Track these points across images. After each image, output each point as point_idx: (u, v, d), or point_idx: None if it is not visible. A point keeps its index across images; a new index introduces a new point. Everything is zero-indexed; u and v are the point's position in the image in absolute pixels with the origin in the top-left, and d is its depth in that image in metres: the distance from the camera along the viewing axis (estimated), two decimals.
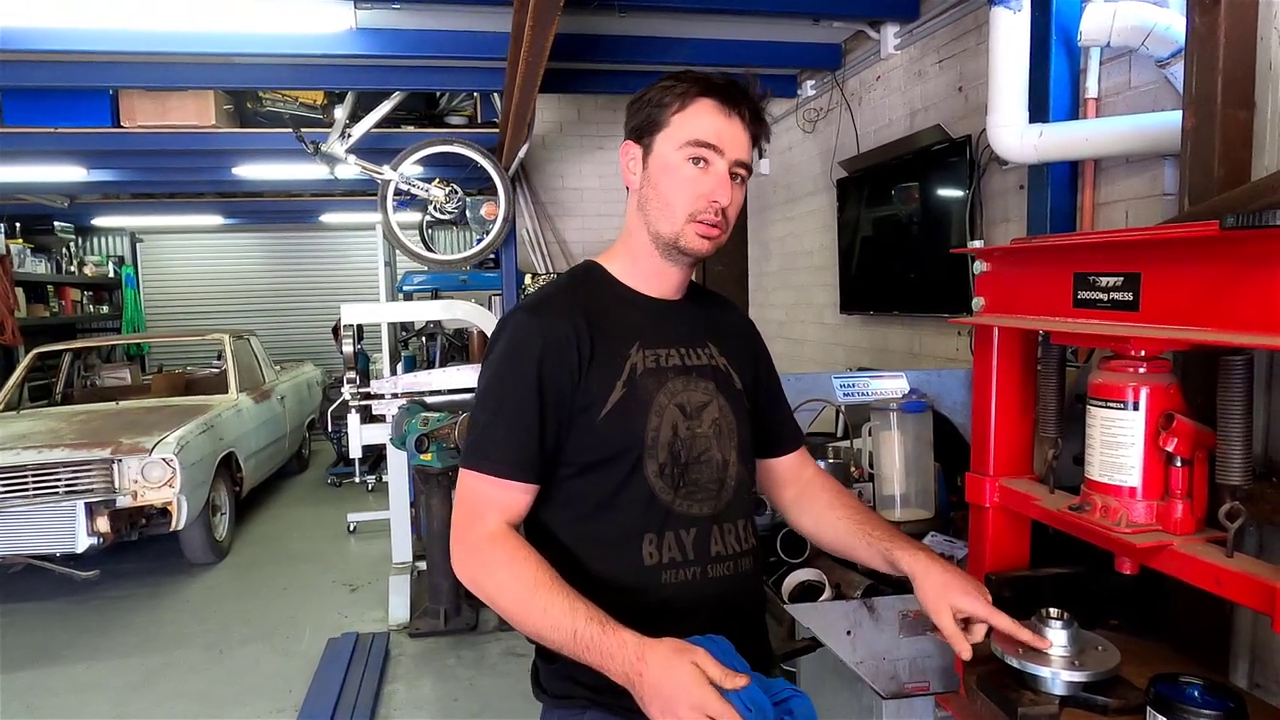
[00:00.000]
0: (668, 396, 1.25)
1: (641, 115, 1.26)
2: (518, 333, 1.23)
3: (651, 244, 1.28)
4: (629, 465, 1.21)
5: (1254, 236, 0.98)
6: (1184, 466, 1.19)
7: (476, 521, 1.17)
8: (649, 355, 1.26)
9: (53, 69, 4.03)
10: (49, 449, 4.56)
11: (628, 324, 1.27)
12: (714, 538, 1.26)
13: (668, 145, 1.23)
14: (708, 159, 1.22)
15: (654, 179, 1.25)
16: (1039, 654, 1.27)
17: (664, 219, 1.24)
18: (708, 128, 1.22)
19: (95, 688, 3.71)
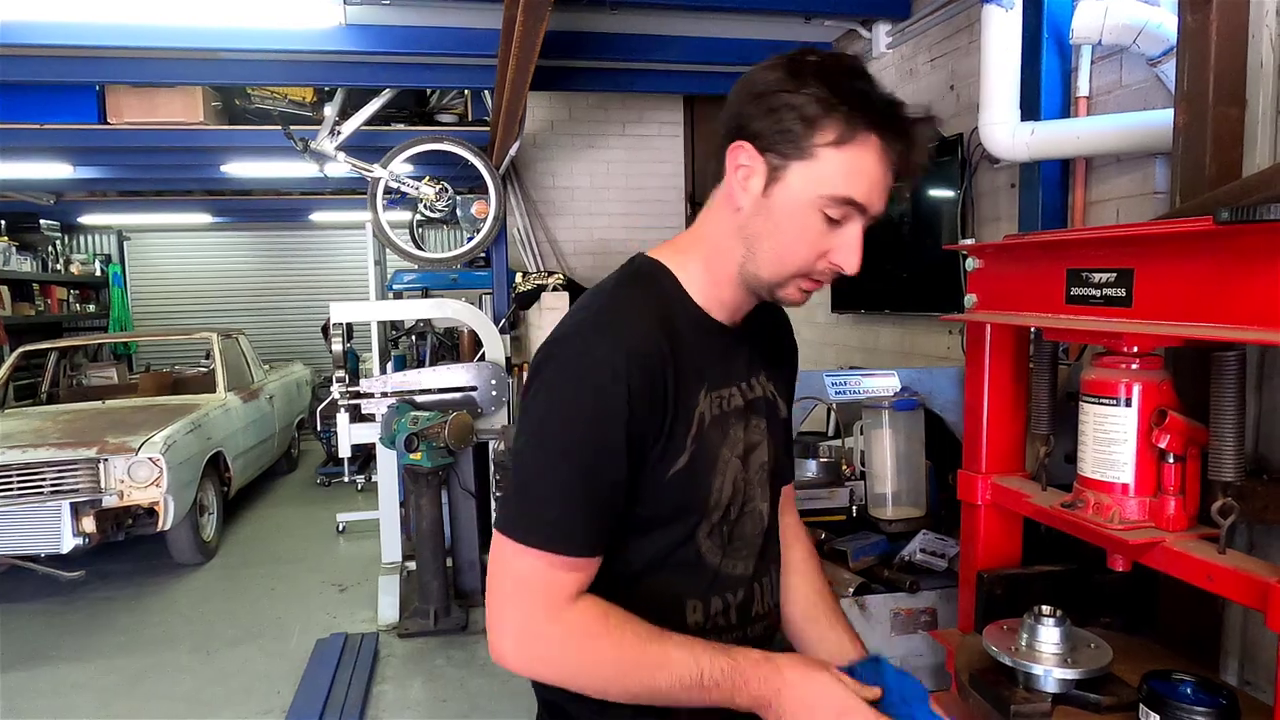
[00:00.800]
0: (730, 449, 1.06)
1: (777, 122, 0.95)
2: (597, 366, 0.94)
3: (739, 275, 1.03)
4: (684, 529, 1.04)
5: (1248, 231, 0.98)
6: (1176, 463, 1.19)
7: (552, 604, 0.96)
8: (715, 401, 1.05)
9: (38, 64, 3.99)
10: (34, 448, 4.51)
11: (700, 360, 1.03)
12: (755, 598, 1.11)
13: (807, 186, 0.95)
14: (848, 218, 0.98)
15: (774, 217, 0.98)
16: (1032, 651, 1.26)
17: (769, 266, 1.01)
18: (863, 183, 0.95)
19: (81, 689, 3.67)
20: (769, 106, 0.94)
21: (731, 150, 0.98)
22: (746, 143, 0.96)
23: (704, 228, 1.06)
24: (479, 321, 4.68)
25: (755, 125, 0.96)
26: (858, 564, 1.91)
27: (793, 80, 0.94)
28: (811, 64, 0.95)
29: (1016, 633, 1.31)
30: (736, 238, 1.01)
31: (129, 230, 9.61)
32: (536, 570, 0.95)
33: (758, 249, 1.00)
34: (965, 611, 1.59)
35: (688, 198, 6.22)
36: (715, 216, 1.04)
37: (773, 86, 0.95)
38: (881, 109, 0.94)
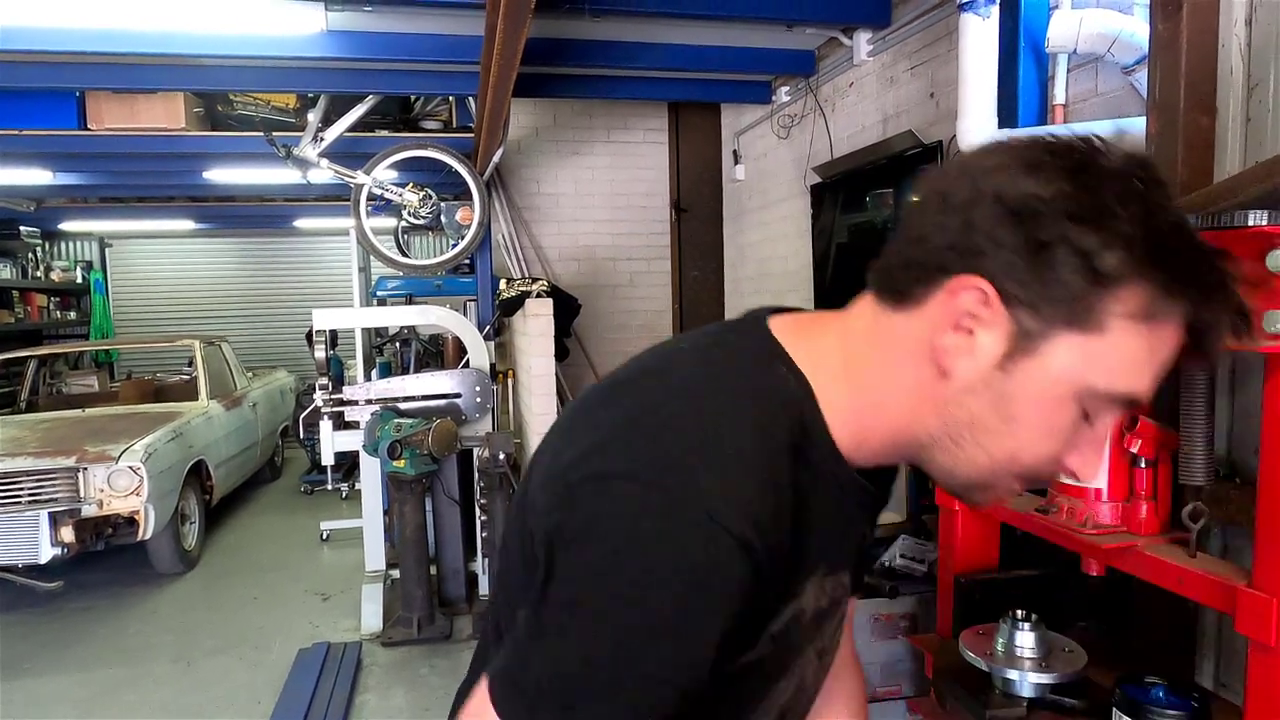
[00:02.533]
0: (814, 646, 0.80)
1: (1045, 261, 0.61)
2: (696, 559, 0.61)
3: (913, 452, 0.72)
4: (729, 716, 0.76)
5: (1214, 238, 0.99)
6: (1148, 468, 1.20)
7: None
8: (825, 588, 0.76)
9: (17, 69, 3.95)
10: (12, 457, 4.47)
11: (824, 533, 0.71)
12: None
13: (1078, 370, 0.63)
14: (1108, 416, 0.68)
15: (1012, 404, 0.65)
16: (1008, 657, 1.27)
17: (986, 464, 0.68)
18: (1153, 371, 0.65)
19: (59, 701, 3.62)
20: (1037, 238, 0.60)
21: (955, 289, 0.63)
22: (986, 282, 0.62)
23: (868, 362, 0.71)
24: (463, 328, 4.67)
25: (1004, 260, 0.62)
26: None
27: (1087, 204, 0.60)
28: (1115, 177, 0.60)
29: (993, 638, 1.31)
30: (931, 409, 0.68)
31: (110, 237, 9.53)
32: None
33: (971, 441, 0.67)
34: (944, 616, 1.60)
35: (672, 204, 6.23)
36: (890, 359, 0.70)
37: (1049, 205, 0.60)
38: (1207, 270, 0.62)
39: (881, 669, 1.80)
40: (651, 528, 0.60)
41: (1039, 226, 0.60)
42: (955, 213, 0.64)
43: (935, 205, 0.66)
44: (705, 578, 0.60)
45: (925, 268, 0.66)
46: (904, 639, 1.78)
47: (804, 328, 0.74)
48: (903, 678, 1.80)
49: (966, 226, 0.63)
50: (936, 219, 0.65)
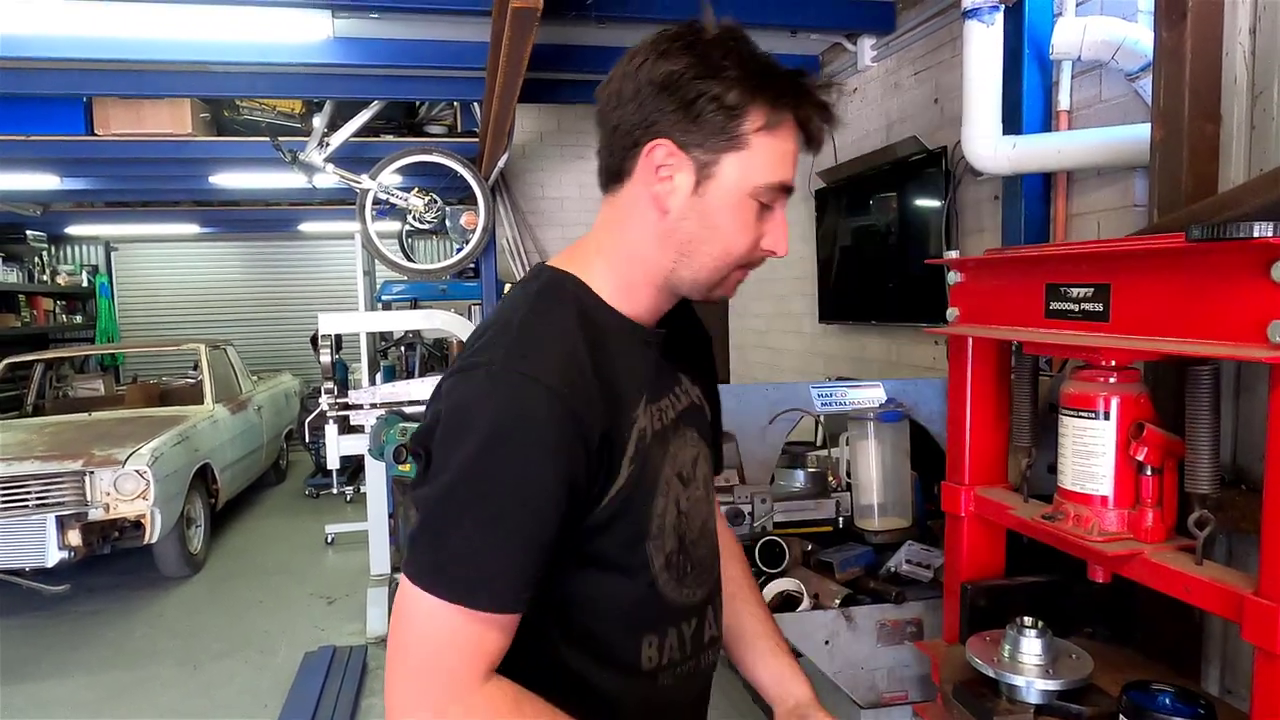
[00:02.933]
0: (671, 465, 0.97)
1: (694, 112, 0.87)
2: (512, 407, 0.84)
3: (664, 281, 0.96)
4: (632, 560, 0.94)
5: (1219, 249, 1.00)
6: (1154, 475, 1.20)
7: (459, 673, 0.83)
8: (654, 412, 0.96)
9: (25, 76, 3.98)
10: (19, 461, 4.48)
11: (633, 372, 0.94)
12: (707, 624, 1.05)
13: (744, 177, 0.89)
14: (776, 201, 0.93)
15: (713, 215, 0.90)
16: (1015, 663, 1.27)
17: (710, 266, 0.93)
18: (790, 163, 0.91)
19: (66, 704, 3.64)
20: (684, 99, 0.86)
21: (648, 152, 0.89)
22: (665, 140, 0.88)
23: (613, 233, 0.96)
24: (468, 333, 4.68)
25: (671, 120, 0.87)
26: (844, 575, 1.92)
27: (705, 65, 0.86)
28: (716, 43, 0.87)
29: (999, 644, 1.32)
30: (663, 243, 0.93)
31: (116, 241, 9.57)
32: (454, 627, 0.83)
33: (695, 251, 0.92)
34: (950, 622, 1.60)
35: None
36: (627, 221, 0.94)
37: (683, 74, 0.86)
38: (794, 85, 0.89)
39: (888, 674, 1.81)
40: (492, 391, 0.85)
41: (682, 90, 0.86)
42: (628, 103, 0.89)
43: (613, 104, 0.91)
44: (530, 413, 0.83)
45: (625, 148, 0.91)
46: (910, 644, 1.79)
47: (570, 251, 1.01)
48: (909, 683, 1.81)
49: (639, 109, 0.88)
50: (618, 113, 0.91)
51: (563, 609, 0.92)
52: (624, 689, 0.96)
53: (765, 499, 1.96)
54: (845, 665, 1.78)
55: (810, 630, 1.77)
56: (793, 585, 1.85)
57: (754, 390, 2.12)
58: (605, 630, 0.95)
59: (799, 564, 1.99)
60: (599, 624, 0.94)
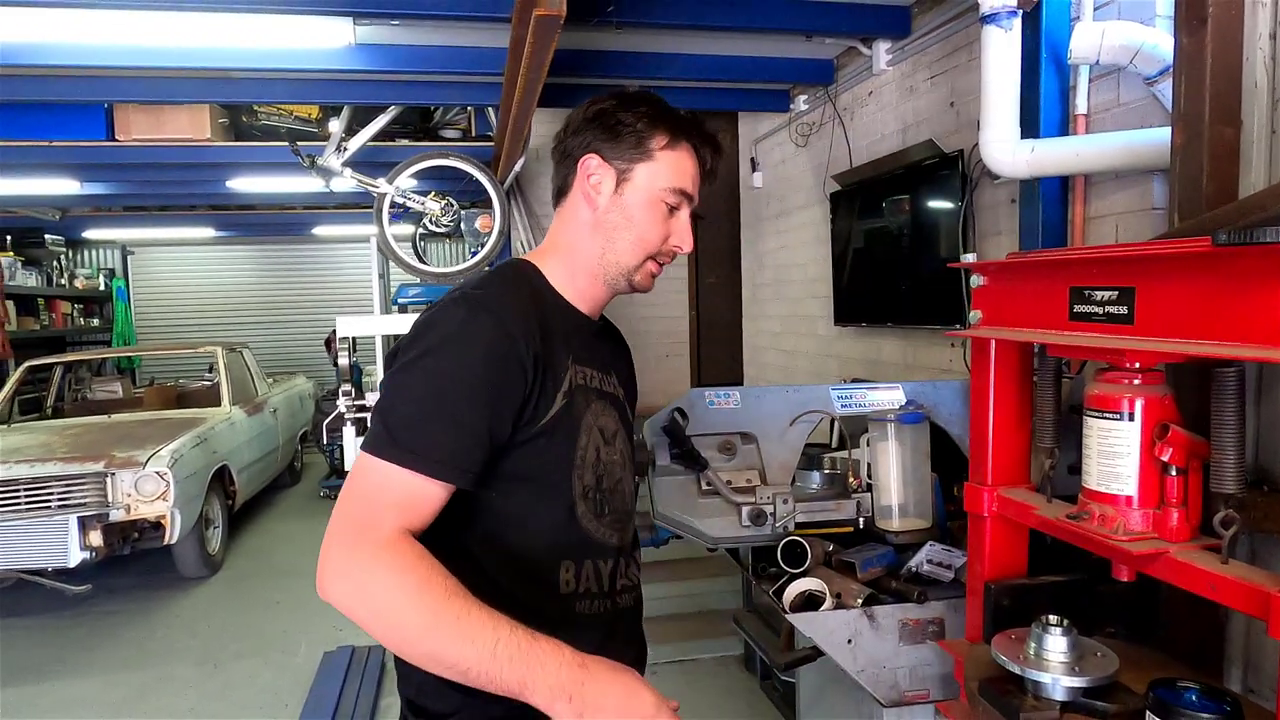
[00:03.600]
0: (593, 417, 1.20)
1: (618, 135, 1.19)
2: (468, 325, 1.08)
3: (598, 267, 1.22)
4: (556, 482, 1.14)
5: (1245, 253, 1.01)
6: (1179, 475, 1.22)
7: (372, 523, 0.97)
8: (579, 371, 1.19)
9: (47, 83, 4.04)
10: (41, 463, 4.54)
11: (565, 337, 1.18)
12: (619, 569, 1.23)
13: (650, 182, 1.19)
14: (681, 206, 1.23)
15: (629, 210, 1.20)
16: (1040, 660, 1.29)
17: (629, 252, 1.21)
18: (688, 176, 1.22)
19: (87, 703, 3.69)
20: (609, 125, 1.19)
21: (583, 163, 1.20)
22: (594, 154, 1.20)
23: (560, 233, 1.26)
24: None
25: (600, 141, 1.20)
26: (865, 575, 1.93)
27: (625, 104, 1.20)
28: (636, 94, 1.23)
29: (1024, 642, 1.34)
30: (594, 234, 1.22)
31: (132, 245, 9.66)
32: (383, 482, 1.01)
33: (617, 238, 1.21)
34: (973, 622, 1.62)
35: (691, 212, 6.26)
36: (569, 222, 1.24)
37: (611, 110, 1.20)
38: (689, 124, 1.23)
39: (910, 673, 1.82)
40: (447, 325, 1.09)
41: (607, 119, 1.20)
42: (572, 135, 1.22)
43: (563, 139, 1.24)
44: (474, 326, 1.08)
45: (568, 167, 1.23)
46: (932, 643, 1.80)
47: (533, 251, 1.29)
48: (930, 681, 1.82)
49: (578, 137, 1.21)
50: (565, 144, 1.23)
51: (494, 524, 1.12)
52: (541, 605, 1.12)
53: (787, 500, 1.98)
54: (868, 664, 1.80)
55: (833, 629, 1.79)
56: (815, 585, 1.87)
57: (774, 392, 2.14)
58: (528, 547, 1.13)
59: (821, 564, 2.00)
60: (523, 540, 1.13)
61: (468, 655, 0.92)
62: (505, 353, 1.07)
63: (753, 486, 2.01)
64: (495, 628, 0.93)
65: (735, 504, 1.95)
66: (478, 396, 1.05)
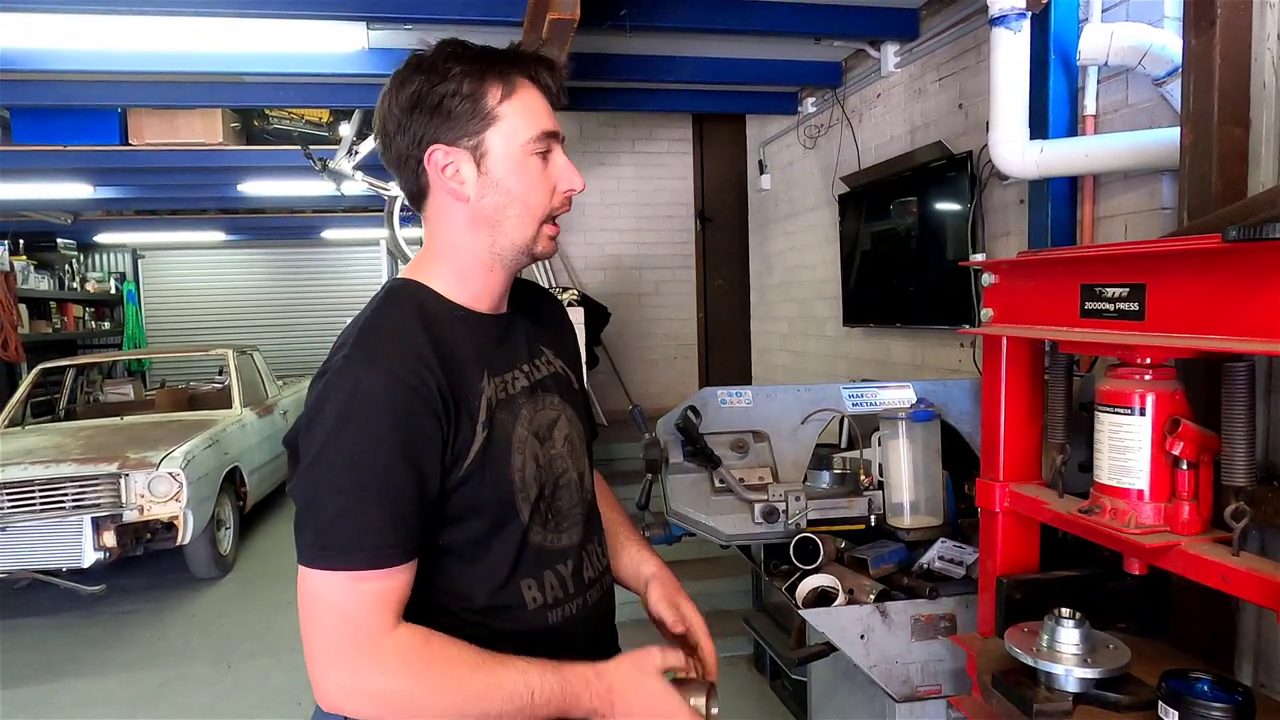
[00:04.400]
0: (524, 426, 1.11)
1: (450, 114, 1.04)
2: (364, 391, 0.98)
3: (491, 258, 1.11)
4: (499, 513, 1.08)
5: (1255, 249, 1.03)
6: (1190, 469, 1.23)
7: (363, 631, 0.95)
8: (498, 384, 1.10)
9: (62, 88, 4.09)
10: (56, 464, 4.58)
11: (473, 353, 1.09)
12: (585, 564, 1.19)
13: (509, 143, 1.06)
14: (552, 148, 1.10)
15: (503, 184, 1.06)
16: (1053, 652, 1.31)
17: (520, 228, 1.09)
18: (543, 115, 1.08)
19: (102, 702, 3.72)
20: (433, 106, 1.04)
21: (429, 160, 1.06)
22: (436, 145, 1.05)
23: (436, 238, 1.13)
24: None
25: (433, 128, 1.05)
26: (877, 571, 1.95)
27: (434, 75, 1.04)
28: (437, 55, 1.05)
29: (1037, 635, 1.35)
30: (475, 227, 1.09)
31: (143, 248, 9.74)
32: (348, 593, 0.95)
33: (503, 219, 1.08)
34: (985, 616, 1.64)
35: (697, 214, 6.29)
36: (443, 224, 1.11)
37: (422, 90, 1.04)
38: (511, 57, 1.07)
39: (922, 668, 1.84)
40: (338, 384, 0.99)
41: (427, 100, 1.03)
42: (394, 135, 1.07)
43: (387, 143, 1.09)
44: (369, 394, 0.97)
45: (412, 170, 1.08)
46: (944, 639, 1.82)
47: (413, 263, 1.17)
48: (943, 676, 1.83)
49: (404, 134, 1.05)
50: (393, 146, 1.08)
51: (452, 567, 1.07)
52: (515, 625, 1.09)
53: (799, 497, 2.00)
54: (880, 659, 1.81)
55: (846, 625, 1.81)
56: (828, 581, 1.89)
57: (786, 391, 2.16)
58: (488, 575, 1.08)
59: (833, 561, 2.02)
60: (480, 574, 1.08)
61: (509, 710, 0.96)
62: (408, 408, 0.98)
63: (765, 484, 2.03)
64: (526, 680, 0.96)
65: (748, 501, 1.97)
66: (396, 466, 0.97)
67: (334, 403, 0.98)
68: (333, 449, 0.97)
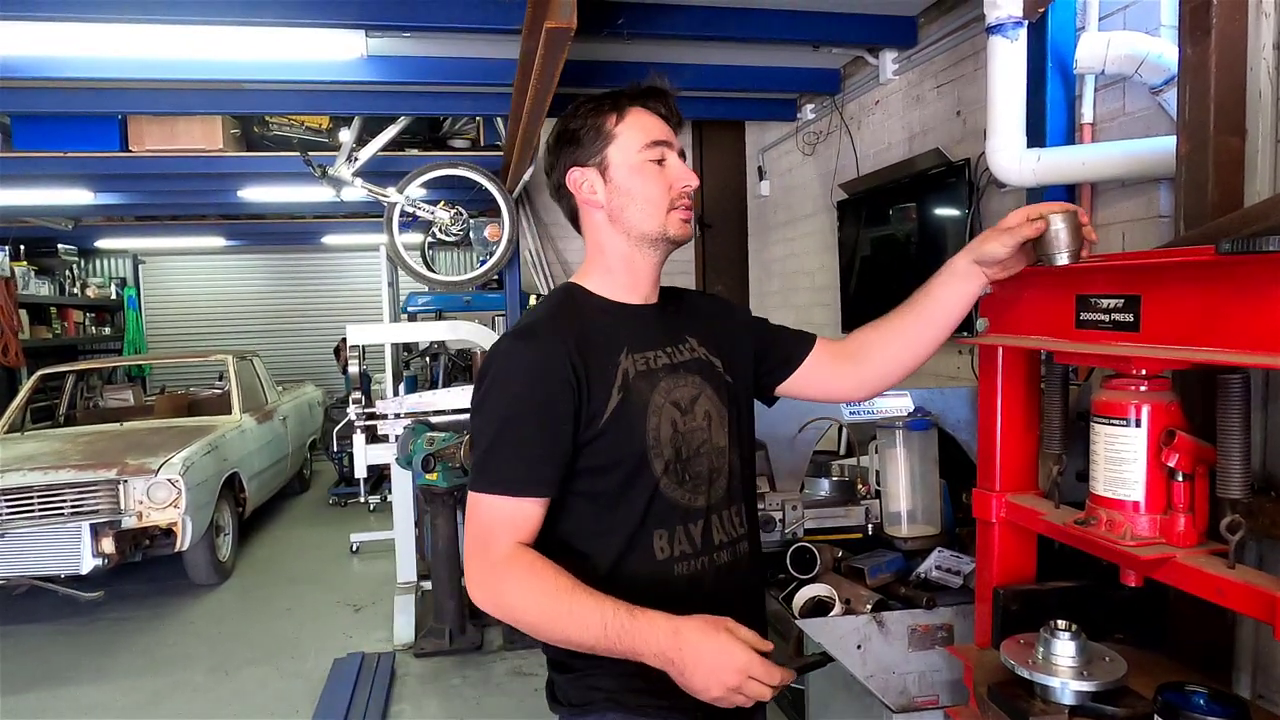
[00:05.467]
0: (663, 395, 1.29)
1: (580, 141, 1.32)
2: (510, 359, 1.26)
3: (632, 250, 1.34)
4: (634, 466, 1.25)
5: (1249, 261, 1.03)
6: (1185, 481, 1.23)
7: (491, 544, 1.19)
8: (639, 360, 1.30)
9: (62, 95, 4.10)
10: (55, 470, 4.58)
11: (614, 334, 1.31)
12: (714, 527, 1.32)
13: (625, 154, 1.31)
14: (665, 154, 1.32)
15: (624, 187, 1.31)
16: (1049, 664, 1.30)
17: (648, 217, 1.31)
18: (655, 128, 1.33)
19: (100, 709, 3.71)
20: (569, 139, 1.34)
21: (569, 181, 1.34)
22: (573, 168, 1.34)
23: (590, 245, 1.38)
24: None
25: (570, 155, 1.34)
26: (875, 581, 1.95)
27: (570, 116, 1.35)
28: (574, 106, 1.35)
29: (1033, 647, 1.35)
30: (613, 225, 1.33)
31: (144, 254, 9.74)
32: (477, 508, 1.22)
33: (631, 213, 1.31)
34: (981, 627, 1.63)
35: (697, 220, 6.29)
36: (591, 232, 1.37)
37: (561, 129, 1.35)
38: (626, 92, 1.34)
39: (919, 678, 1.83)
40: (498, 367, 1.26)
41: (568, 135, 1.34)
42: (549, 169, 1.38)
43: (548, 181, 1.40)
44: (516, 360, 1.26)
45: (564, 193, 1.37)
46: (941, 649, 1.82)
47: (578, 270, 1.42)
48: (940, 687, 1.83)
49: (554, 163, 1.37)
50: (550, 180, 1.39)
51: (589, 512, 1.26)
52: (641, 572, 1.25)
53: (796, 506, 2.00)
54: (877, 670, 1.81)
55: (842, 635, 1.81)
56: (824, 591, 1.88)
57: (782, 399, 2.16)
58: (622, 522, 1.25)
59: (830, 570, 2.02)
60: (616, 520, 1.26)
61: (586, 639, 1.12)
62: (546, 371, 1.22)
63: (762, 493, 2.03)
64: (601, 613, 1.11)
65: None
66: (534, 417, 1.21)
67: (491, 368, 1.26)
68: (487, 403, 1.26)
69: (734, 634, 1.10)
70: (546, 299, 1.39)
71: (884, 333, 1.51)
